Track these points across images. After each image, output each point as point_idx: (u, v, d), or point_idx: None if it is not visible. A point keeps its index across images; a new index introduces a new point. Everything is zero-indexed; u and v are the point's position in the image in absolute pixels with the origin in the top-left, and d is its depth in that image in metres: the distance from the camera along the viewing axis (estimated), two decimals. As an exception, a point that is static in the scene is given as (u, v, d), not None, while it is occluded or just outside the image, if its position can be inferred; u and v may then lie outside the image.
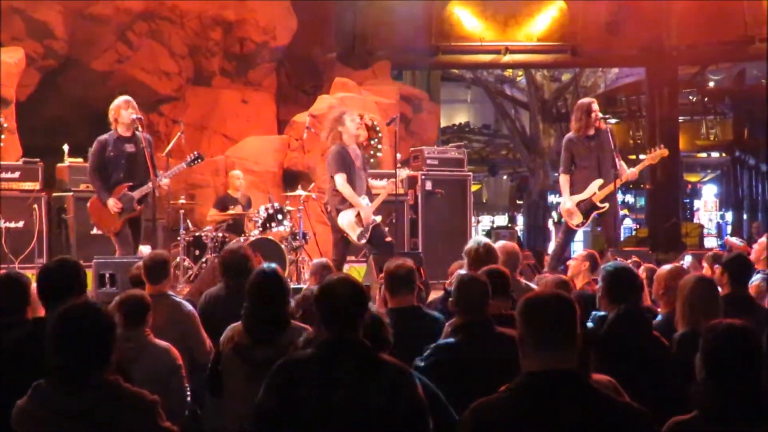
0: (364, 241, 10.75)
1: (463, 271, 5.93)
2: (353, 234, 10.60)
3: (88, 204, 10.72)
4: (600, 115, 11.33)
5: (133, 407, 3.83)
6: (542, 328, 3.43)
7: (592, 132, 11.23)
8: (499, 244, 7.59)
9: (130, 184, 10.42)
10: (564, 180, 11.30)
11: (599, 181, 11.07)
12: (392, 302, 6.07)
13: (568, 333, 3.44)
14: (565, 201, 11.28)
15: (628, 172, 11.23)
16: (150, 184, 10.33)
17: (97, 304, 4.00)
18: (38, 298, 5.06)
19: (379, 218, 10.79)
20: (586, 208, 11.14)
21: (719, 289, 6.03)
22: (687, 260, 10.50)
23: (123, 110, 10.50)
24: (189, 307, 6.88)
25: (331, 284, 4.16)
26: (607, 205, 11.08)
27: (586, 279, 8.36)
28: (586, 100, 11.80)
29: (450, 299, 5.42)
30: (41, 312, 5.12)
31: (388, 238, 10.98)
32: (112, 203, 10.36)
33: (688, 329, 5.35)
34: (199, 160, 11.25)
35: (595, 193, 11.08)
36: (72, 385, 3.76)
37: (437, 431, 4.09)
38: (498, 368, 4.12)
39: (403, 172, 11.96)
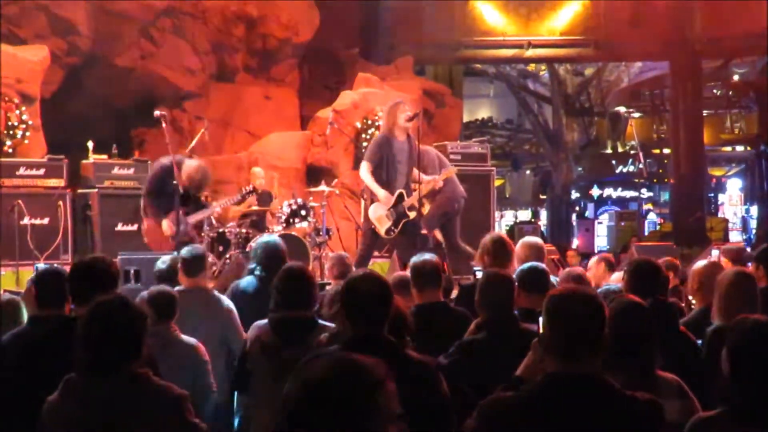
0: (391, 236, 10.77)
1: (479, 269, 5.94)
2: (381, 228, 10.62)
3: (144, 227, 10.69)
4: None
5: (162, 401, 3.85)
6: (567, 329, 3.40)
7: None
8: (524, 240, 7.60)
9: (185, 208, 10.41)
10: None
11: None
12: (418, 298, 6.05)
13: (593, 336, 3.40)
14: None
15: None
16: (206, 211, 10.46)
17: (127, 298, 4.01)
18: (70, 294, 5.09)
19: (413, 214, 10.78)
20: None
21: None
22: (714, 255, 10.45)
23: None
24: (228, 301, 6.89)
25: (356, 281, 4.15)
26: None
27: (605, 279, 8.37)
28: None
29: (475, 297, 5.41)
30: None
31: (424, 231, 11.02)
32: (166, 226, 10.36)
33: (720, 323, 5.31)
34: (253, 194, 11.34)
35: None
36: (102, 378, 3.79)
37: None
38: (523, 365, 4.11)
39: (449, 168, 11.97)
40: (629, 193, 32.26)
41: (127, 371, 3.80)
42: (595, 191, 31.85)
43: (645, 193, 32.50)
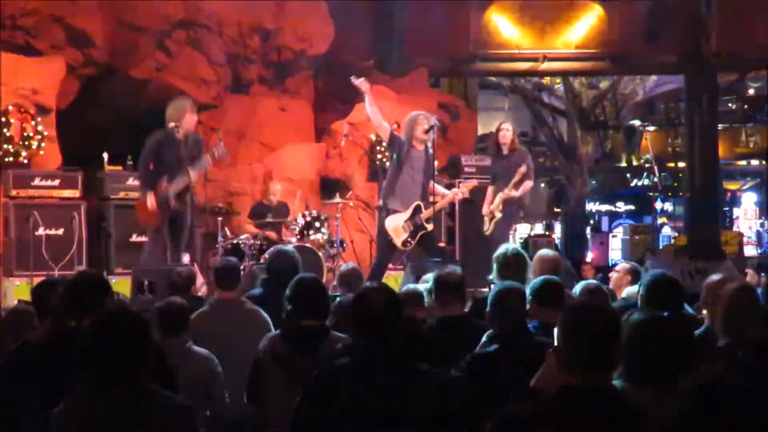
0: (407, 247, 10.79)
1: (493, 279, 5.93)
2: (398, 239, 10.63)
3: (136, 204, 10.86)
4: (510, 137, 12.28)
5: (169, 412, 3.85)
6: (582, 343, 3.39)
7: (505, 151, 12.24)
8: (540, 253, 7.59)
9: (168, 181, 10.50)
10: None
11: (501, 194, 12.22)
12: (441, 311, 6.04)
13: (609, 349, 3.39)
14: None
15: (511, 192, 12.15)
16: (184, 179, 10.47)
17: (131, 309, 4.01)
18: (67, 311, 5.08)
19: (430, 226, 10.80)
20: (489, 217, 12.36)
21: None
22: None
23: (189, 114, 10.66)
24: (264, 313, 6.87)
25: (366, 293, 4.15)
26: (500, 214, 12.20)
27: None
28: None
29: (486, 309, 5.40)
30: None
31: (441, 244, 11.08)
32: (150, 200, 10.48)
33: (729, 339, 5.29)
34: (224, 152, 11.20)
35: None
36: (107, 391, 3.78)
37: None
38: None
39: (469, 182, 12.08)
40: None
41: (132, 383, 3.80)
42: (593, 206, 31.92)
43: (622, 207, 32.45)
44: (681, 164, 28.42)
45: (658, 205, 32.01)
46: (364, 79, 10.90)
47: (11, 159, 13.53)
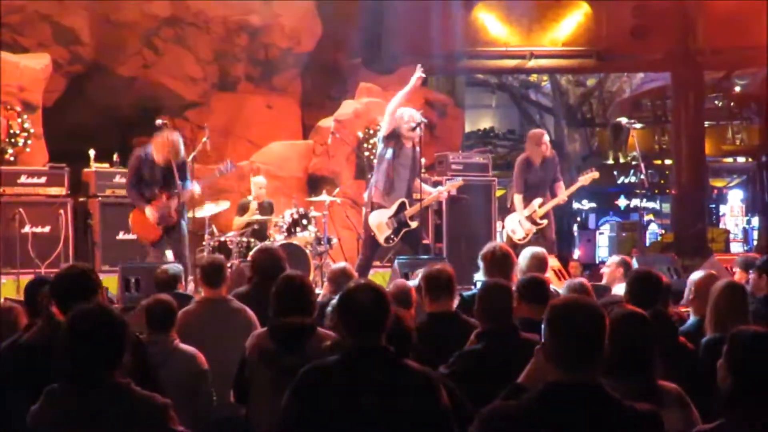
0: (390, 244, 10.80)
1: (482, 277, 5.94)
2: (381, 235, 10.64)
3: (130, 216, 10.87)
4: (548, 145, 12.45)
5: (144, 410, 3.84)
6: (568, 339, 3.40)
7: (539, 160, 12.31)
8: (527, 250, 7.62)
9: (168, 193, 10.53)
10: (517, 199, 12.40)
11: (539, 200, 12.19)
12: (431, 307, 6.03)
13: (594, 346, 3.40)
14: (511, 217, 12.47)
15: (559, 198, 12.25)
16: (186, 193, 10.53)
17: (108, 306, 4.01)
18: (54, 304, 5.08)
19: (415, 224, 10.81)
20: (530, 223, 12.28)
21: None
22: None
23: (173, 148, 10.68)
24: (251, 312, 6.85)
25: (352, 291, 4.13)
26: (545, 221, 12.18)
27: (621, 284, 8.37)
28: (537, 131, 13.03)
29: (474, 307, 5.41)
30: None
31: (426, 241, 11.08)
32: (149, 212, 10.50)
33: (715, 335, 5.32)
34: (232, 169, 11.40)
35: (534, 211, 12.18)
36: (82, 387, 3.79)
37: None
38: (523, 375, 4.10)
39: (456, 180, 12.14)
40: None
41: (108, 381, 3.80)
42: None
43: (586, 205, 32.48)
44: (668, 161, 28.44)
45: (621, 202, 32.04)
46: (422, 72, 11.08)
47: (-3, 156, 13.51)
